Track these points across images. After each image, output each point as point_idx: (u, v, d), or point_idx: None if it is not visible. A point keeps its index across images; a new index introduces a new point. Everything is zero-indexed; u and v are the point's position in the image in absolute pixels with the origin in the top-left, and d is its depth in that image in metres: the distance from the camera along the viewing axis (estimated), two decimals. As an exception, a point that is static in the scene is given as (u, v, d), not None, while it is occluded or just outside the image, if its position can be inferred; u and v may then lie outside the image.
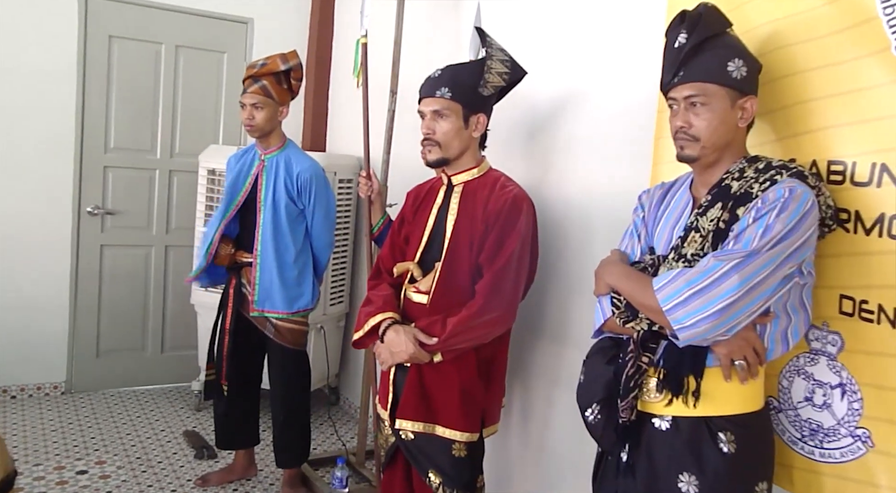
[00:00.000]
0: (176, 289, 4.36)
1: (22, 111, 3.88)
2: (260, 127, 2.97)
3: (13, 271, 3.94)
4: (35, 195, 3.95)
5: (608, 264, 1.69)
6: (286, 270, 3.00)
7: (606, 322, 1.67)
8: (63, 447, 3.48)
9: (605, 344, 1.71)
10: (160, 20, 4.20)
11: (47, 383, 4.11)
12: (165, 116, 4.28)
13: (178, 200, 4.34)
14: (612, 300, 1.65)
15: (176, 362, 4.39)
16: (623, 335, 1.66)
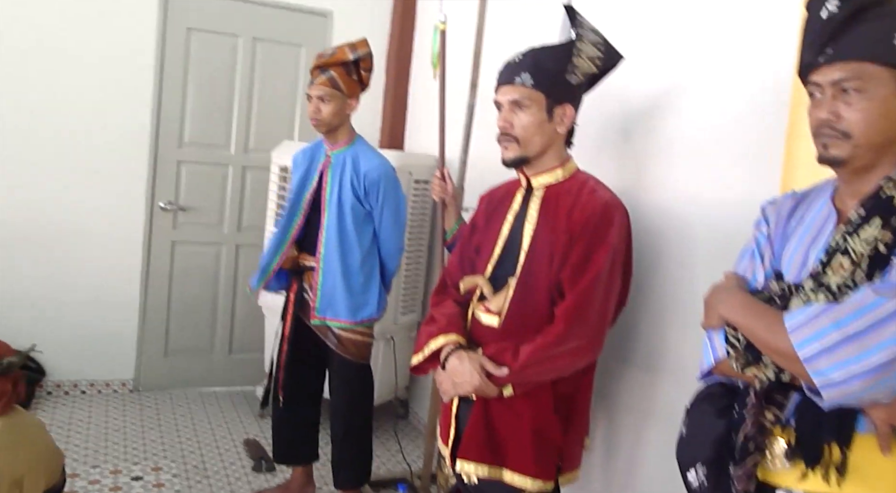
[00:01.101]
0: (245, 289, 4.22)
1: (99, 104, 3.82)
2: (327, 121, 2.75)
3: (86, 266, 3.89)
4: (109, 189, 3.89)
5: (723, 291, 1.35)
6: (351, 275, 2.77)
7: (718, 364, 1.34)
8: (122, 448, 3.37)
9: (716, 390, 1.38)
10: (238, 12, 4.07)
11: (116, 380, 4.05)
12: (240, 111, 4.15)
13: (250, 198, 4.20)
14: (726, 337, 1.31)
15: (242, 365, 4.26)
16: (739, 381, 1.32)
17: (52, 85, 3.72)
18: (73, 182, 3.82)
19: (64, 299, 3.85)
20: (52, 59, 3.71)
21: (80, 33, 3.74)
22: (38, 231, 3.79)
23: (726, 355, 1.31)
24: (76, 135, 3.80)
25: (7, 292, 3.72)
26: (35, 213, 3.77)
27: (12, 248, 3.74)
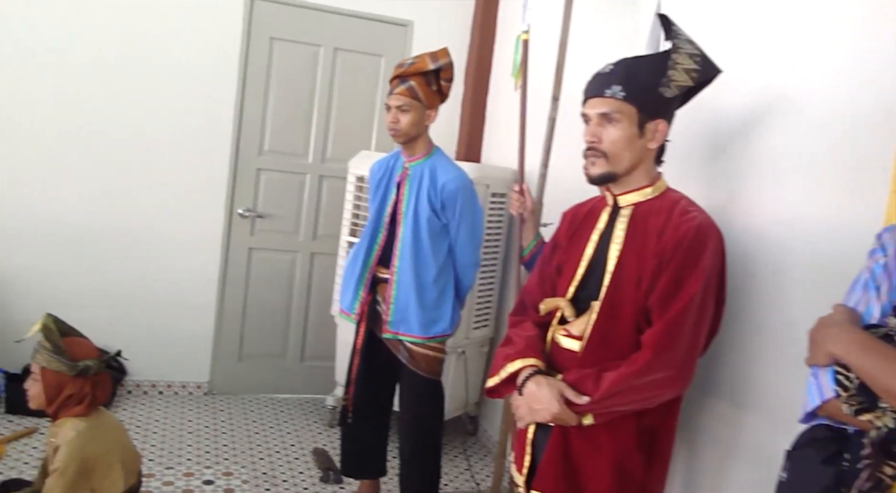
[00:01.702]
0: (319, 298, 4.24)
1: (183, 111, 3.91)
2: (405, 131, 2.71)
3: (168, 270, 3.98)
4: (190, 195, 3.98)
5: (833, 325, 1.23)
6: (425, 290, 2.73)
7: (825, 405, 1.22)
8: (196, 451, 3.42)
9: (821, 435, 1.26)
10: (320, 22, 4.11)
11: (191, 383, 4.12)
12: (319, 120, 4.18)
13: (326, 207, 4.22)
14: (835, 377, 1.19)
15: (314, 373, 4.27)
16: (848, 426, 1.20)
17: (140, 94, 3.83)
18: (158, 188, 3.92)
19: (146, 301, 3.95)
20: (140, 69, 3.81)
21: (166, 43, 3.84)
22: (124, 235, 3.90)
23: (835, 396, 1.19)
24: (161, 142, 3.90)
25: (94, 293, 3.84)
26: (121, 217, 3.88)
27: (101, 251, 3.87)
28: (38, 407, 2.19)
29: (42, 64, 3.68)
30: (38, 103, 3.70)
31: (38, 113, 3.71)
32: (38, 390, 2.15)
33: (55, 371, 2.12)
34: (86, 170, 3.80)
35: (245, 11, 3.95)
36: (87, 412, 2.19)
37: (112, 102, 3.80)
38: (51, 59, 3.69)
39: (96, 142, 3.80)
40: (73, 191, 3.79)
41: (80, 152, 3.78)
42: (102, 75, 3.77)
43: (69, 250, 3.82)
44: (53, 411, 2.17)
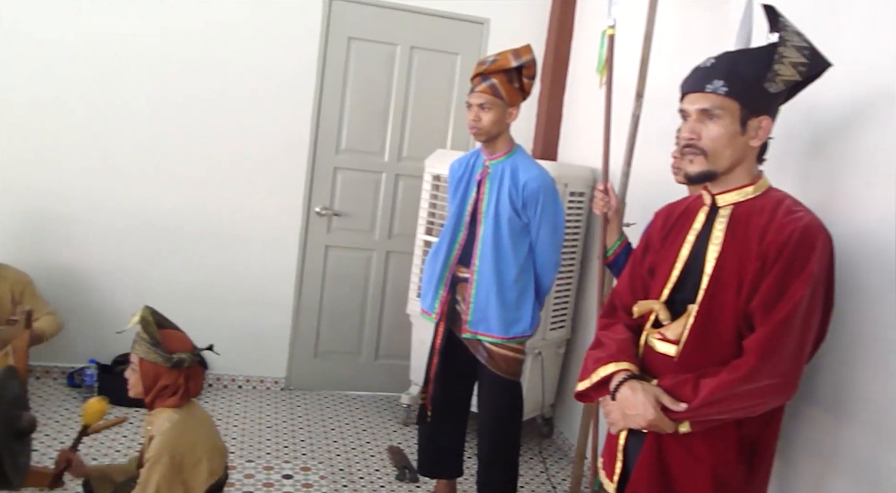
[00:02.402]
0: (393, 296, 4.26)
1: (262, 111, 3.98)
2: (486, 130, 2.69)
3: (245, 266, 4.07)
4: (269, 193, 4.05)
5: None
6: (505, 290, 2.69)
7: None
8: (275, 445, 3.47)
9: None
10: (397, 21, 4.13)
11: (269, 378, 4.20)
12: (396, 119, 4.19)
13: (402, 206, 4.24)
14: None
15: (388, 371, 4.30)
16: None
17: (223, 95, 3.93)
18: (239, 186, 4.01)
19: (226, 296, 4.04)
20: (223, 71, 3.91)
21: (248, 45, 3.92)
22: (208, 232, 4.01)
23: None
24: (241, 141, 3.98)
25: (179, 287, 3.95)
26: (204, 215, 3.99)
27: (186, 247, 3.98)
28: (136, 396, 2.25)
29: (136, 68, 3.81)
30: (132, 107, 3.83)
31: (134, 116, 3.84)
32: (136, 379, 2.22)
33: (152, 362, 2.18)
34: (174, 169, 3.92)
35: (323, 12, 4.00)
36: (181, 404, 2.25)
37: (197, 103, 3.90)
38: (143, 64, 3.82)
39: (184, 142, 3.92)
40: (162, 189, 3.92)
41: (169, 152, 3.90)
42: (189, 78, 3.88)
43: (157, 246, 3.95)
44: (150, 400, 2.24)
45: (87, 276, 3.88)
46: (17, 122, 3.72)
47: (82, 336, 3.86)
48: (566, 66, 4.24)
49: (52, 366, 3.88)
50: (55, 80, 3.73)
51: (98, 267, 3.90)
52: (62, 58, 3.72)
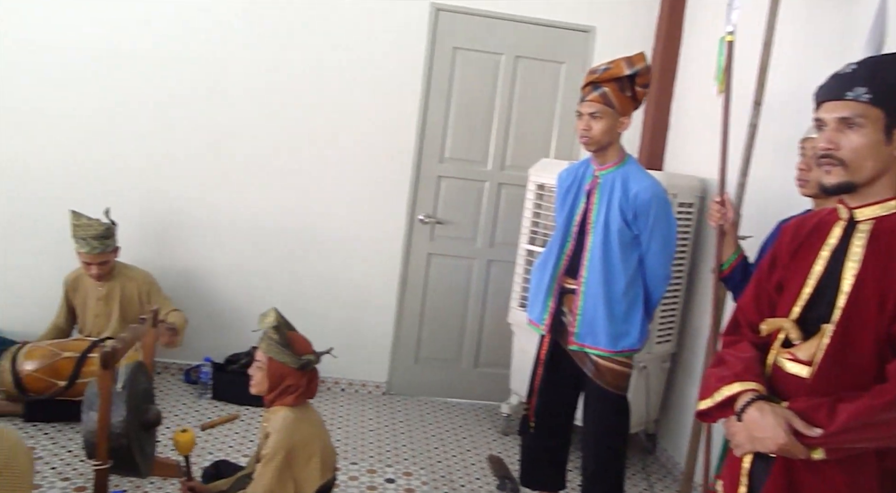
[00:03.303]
0: (494, 305, 4.26)
1: (369, 120, 4.08)
2: (597, 139, 2.65)
3: (350, 271, 4.17)
4: (374, 200, 4.14)
5: None
6: (614, 302, 2.65)
7: None
8: (377, 448, 3.54)
9: None
10: (502, 30, 4.14)
11: (370, 382, 4.28)
12: (499, 128, 4.21)
13: (504, 214, 4.24)
14: None
15: (487, 380, 4.30)
16: None
17: (331, 104, 4.05)
18: (345, 193, 4.12)
19: (331, 300, 4.16)
20: (331, 80, 4.04)
21: (356, 55, 4.04)
22: (314, 237, 4.14)
23: None
24: (348, 149, 4.10)
25: (285, 290, 4.10)
26: (311, 220, 4.13)
27: (293, 251, 4.13)
28: (258, 393, 2.34)
29: (251, 81, 3.99)
30: (247, 119, 4.02)
31: (248, 127, 4.02)
32: (262, 377, 2.30)
33: (280, 362, 2.27)
34: (285, 176, 4.07)
35: (430, 22, 4.06)
36: (297, 403, 2.33)
37: (307, 112, 4.04)
38: (257, 76, 3.99)
39: (294, 150, 4.06)
40: (273, 195, 4.08)
41: (281, 161, 4.06)
42: (297, 87, 4.02)
43: (268, 250, 4.11)
44: (271, 398, 2.33)
45: (203, 277, 4.09)
46: (144, 133, 3.96)
47: (198, 335, 4.05)
48: (674, 74, 4.14)
49: (171, 362, 4.10)
50: (177, 95, 3.95)
51: (214, 269, 4.09)
52: (182, 73, 3.94)
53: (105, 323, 3.64)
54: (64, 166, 3.93)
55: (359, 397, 4.19)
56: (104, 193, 3.84)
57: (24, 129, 3.90)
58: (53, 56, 3.86)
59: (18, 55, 3.84)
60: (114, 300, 3.63)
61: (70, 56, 3.87)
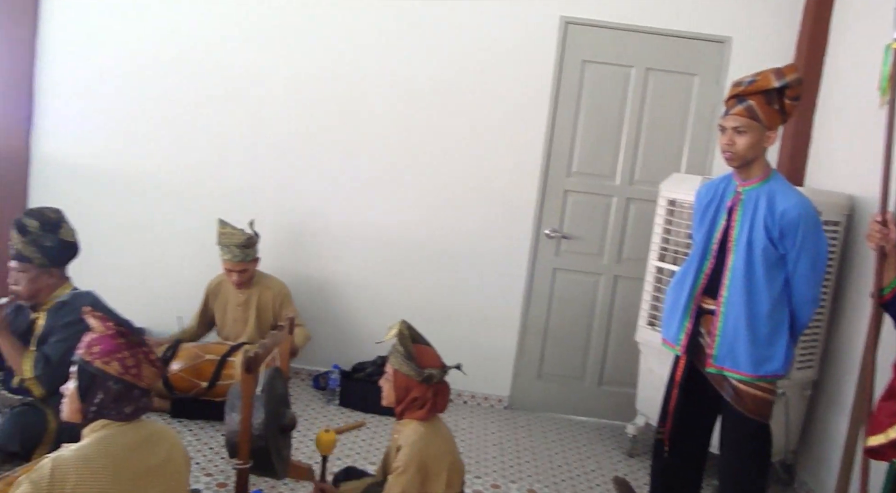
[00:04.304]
0: (621, 322, 4.17)
1: (496, 133, 4.11)
2: (741, 154, 2.54)
3: (474, 284, 4.20)
4: (500, 214, 4.15)
5: None
6: (757, 324, 2.52)
7: None
8: (500, 463, 3.52)
9: None
10: (633, 43, 4.06)
11: (493, 396, 4.28)
12: (628, 142, 4.12)
13: (632, 230, 4.15)
14: None
15: (612, 399, 4.20)
16: None
17: (458, 116, 4.11)
18: (470, 206, 4.16)
19: (455, 313, 4.19)
20: (459, 92, 4.10)
21: (484, 68, 4.08)
22: (438, 250, 4.20)
23: None
24: (475, 162, 4.14)
25: (410, 302, 4.17)
26: (435, 232, 4.19)
27: (417, 263, 4.21)
28: (388, 405, 2.39)
29: (377, 96, 4.12)
30: (375, 133, 4.14)
31: (376, 141, 4.15)
32: (389, 389, 2.36)
33: (405, 375, 2.31)
34: (413, 190, 4.17)
35: (559, 36, 4.04)
36: (427, 417, 2.35)
37: (434, 127, 4.12)
38: (383, 92, 4.11)
39: (422, 165, 4.15)
40: (401, 208, 4.18)
41: (408, 174, 4.16)
42: (427, 103, 4.11)
43: (395, 262, 4.21)
44: (400, 410, 2.37)
45: (335, 287, 4.23)
46: (283, 148, 4.16)
47: (327, 343, 4.20)
48: (817, 85, 3.91)
49: (301, 368, 4.26)
50: (307, 113, 4.15)
51: (344, 280, 4.23)
52: (317, 91, 4.13)
53: (242, 328, 3.84)
54: (210, 179, 4.20)
55: (481, 411, 4.20)
56: (245, 206, 4.06)
57: (176, 144, 4.20)
58: (203, 78, 4.14)
59: (172, 76, 4.15)
60: (251, 307, 3.82)
61: (216, 77, 4.14)
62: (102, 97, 4.20)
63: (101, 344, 1.93)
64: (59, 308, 2.99)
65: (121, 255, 4.22)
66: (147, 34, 4.15)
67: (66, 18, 4.15)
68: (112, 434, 1.91)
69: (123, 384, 1.91)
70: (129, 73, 4.17)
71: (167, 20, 4.14)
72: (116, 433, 1.91)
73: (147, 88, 4.17)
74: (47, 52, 4.19)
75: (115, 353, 1.92)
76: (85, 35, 4.17)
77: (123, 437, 1.91)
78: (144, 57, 4.16)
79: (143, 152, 4.22)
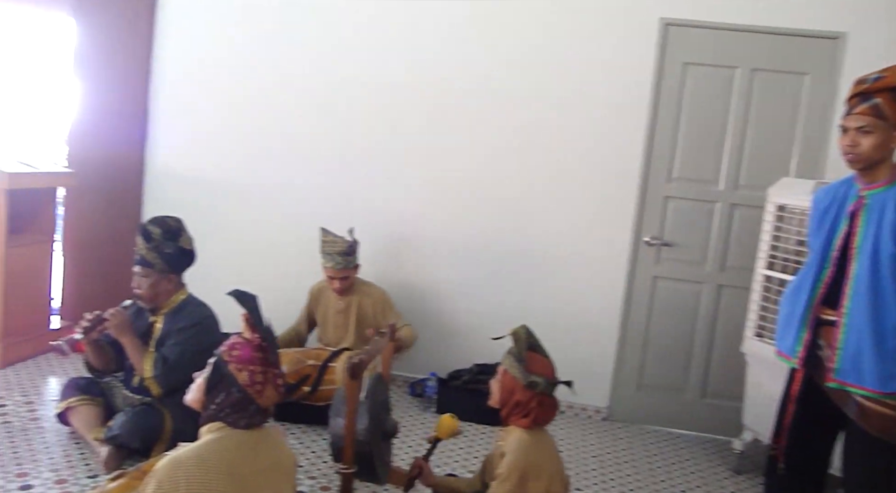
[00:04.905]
0: (725, 332, 4.01)
1: (593, 138, 4.05)
2: (865, 156, 2.39)
3: (571, 291, 4.14)
4: (597, 221, 4.08)
5: None
6: (884, 337, 2.35)
7: None
8: (601, 477, 3.45)
9: None
10: (737, 43, 3.91)
11: (590, 406, 4.20)
12: (732, 146, 3.97)
13: (737, 237, 3.99)
14: None
15: (716, 412, 4.05)
16: None
17: (552, 120, 4.07)
18: (566, 212, 4.11)
19: (551, 321, 4.11)
20: (554, 95, 4.06)
21: (580, 71, 4.03)
22: (532, 256, 4.17)
23: None
24: (571, 167, 4.09)
25: (508, 310, 4.14)
26: (529, 239, 4.16)
27: (512, 270, 4.19)
28: (494, 405, 2.39)
29: (470, 101, 4.13)
30: (468, 138, 4.16)
31: (470, 147, 4.17)
32: (497, 389, 2.36)
33: (511, 376, 2.30)
34: (508, 196, 4.16)
35: (659, 38, 3.95)
36: (531, 427, 2.33)
37: (530, 131, 4.11)
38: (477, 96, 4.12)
39: (516, 170, 4.13)
40: (497, 215, 4.18)
41: (504, 179, 4.15)
42: (522, 106, 4.09)
43: (492, 270, 4.21)
44: (504, 414, 2.36)
45: (432, 295, 4.26)
46: (379, 155, 4.25)
47: (424, 350, 4.23)
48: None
49: (398, 375, 4.30)
50: (402, 121, 4.21)
51: (442, 288, 4.26)
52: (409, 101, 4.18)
53: (343, 335, 3.91)
54: (308, 188, 4.32)
55: (578, 422, 4.12)
56: (343, 214, 4.16)
57: (276, 155, 4.35)
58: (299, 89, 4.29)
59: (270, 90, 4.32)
60: (351, 314, 3.89)
61: (312, 88, 4.27)
62: (208, 113, 4.42)
63: (241, 350, 2.00)
64: (175, 313, 3.14)
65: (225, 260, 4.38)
66: (246, 55, 4.34)
67: (176, 43, 4.41)
68: (227, 436, 1.98)
69: (244, 396, 1.96)
70: (232, 90, 4.37)
71: (264, 39, 4.31)
72: (231, 434, 1.98)
73: (248, 104, 4.36)
74: (160, 73, 4.44)
75: (248, 364, 1.98)
76: (192, 57, 4.41)
77: (237, 439, 1.98)
78: (245, 75, 4.34)
79: (245, 163, 4.40)
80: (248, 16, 4.32)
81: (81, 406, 3.15)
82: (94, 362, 3.21)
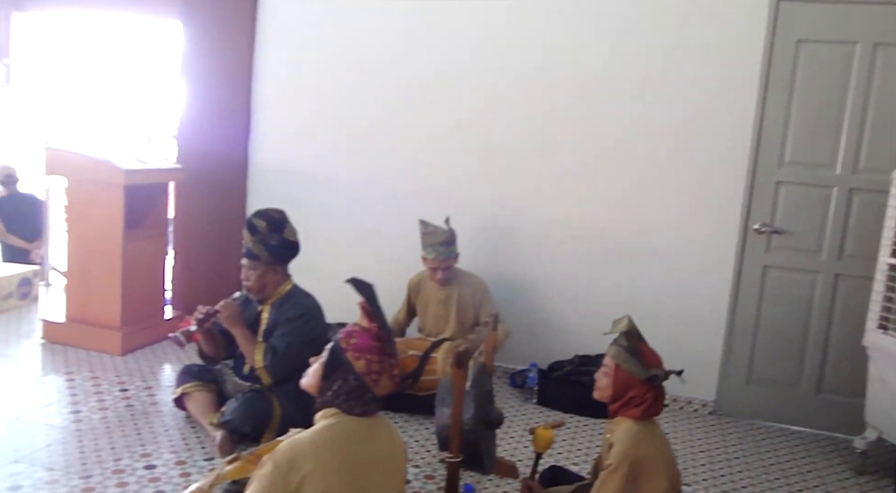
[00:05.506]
0: (844, 324, 3.79)
1: (699, 121, 3.89)
2: None
3: (677, 282, 4.00)
4: (703, 208, 3.93)
5: None
6: None
7: None
8: (711, 473, 3.32)
9: None
10: (857, 17, 3.66)
11: (696, 400, 4.06)
12: (851, 127, 3.73)
13: (856, 223, 3.75)
14: None
15: (833, 408, 3.83)
16: None
17: (657, 105, 3.95)
18: (671, 201, 3.98)
19: (656, 312, 4.00)
20: (658, 79, 3.93)
21: (685, 54, 3.89)
22: (637, 246, 4.06)
23: None
24: (675, 154, 3.95)
25: (611, 301, 4.05)
26: (634, 228, 4.06)
27: (618, 263, 4.10)
28: (601, 399, 2.32)
29: (573, 92, 4.06)
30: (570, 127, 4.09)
31: (572, 135, 4.09)
32: (607, 383, 2.29)
33: (626, 371, 2.23)
34: (610, 185, 4.07)
35: (769, 15, 3.75)
36: (642, 418, 2.26)
37: (634, 116, 3.99)
38: (580, 86, 4.04)
39: (619, 158, 4.03)
40: (598, 204, 4.10)
41: (605, 169, 4.06)
42: (625, 91, 3.98)
43: (594, 260, 4.13)
44: (615, 408, 2.29)
45: (532, 285, 4.22)
46: (479, 146, 4.24)
47: (525, 341, 4.20)
48: None
49: (497, 366, 4.28)
50: (504, 113, 4.18)
51: (542, 278, 4.21)
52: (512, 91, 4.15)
53: (443, 325, 3.93)
54: (409, 180, 4.36)
55: (683, 415, 3.99)
56: (444, 205, 4.16)
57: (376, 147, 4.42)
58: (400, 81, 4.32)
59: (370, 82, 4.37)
60: (451, 304, 3.90)
61: (413, 80, 4.30)
62: (308, 109, 4.53)
63: (359, 339, 2.01)
64: (282, 303, 3.23)
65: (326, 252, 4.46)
66: (342, 52, 4.41)
67: (276, 44, 4.55)
68: (342, 422, 2.00)
69: (361, 384, 1.98)
70: (330, 86, 4.46)
71: (359, 36, 4.37)
72: (346, 421, 2.00)
73: (346, 99, 4.44)
74: (261, 72, 4.59)
75: (366, 352, 2.00)
76: (291, 56, 4.54)
77: (352, 426, 2.00)
78: (344, 68, 4.42)
79: (344, 157, 4.48)
80: (344, 14, 4.39)
81: (196, 392, 3.29)
82: (207, 350, 3.34)
